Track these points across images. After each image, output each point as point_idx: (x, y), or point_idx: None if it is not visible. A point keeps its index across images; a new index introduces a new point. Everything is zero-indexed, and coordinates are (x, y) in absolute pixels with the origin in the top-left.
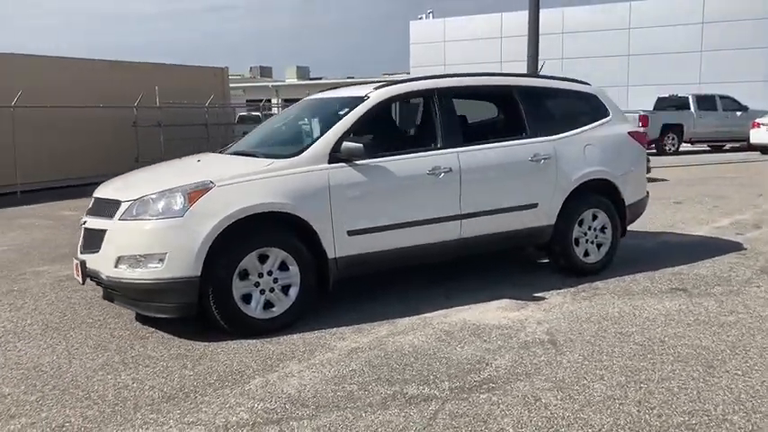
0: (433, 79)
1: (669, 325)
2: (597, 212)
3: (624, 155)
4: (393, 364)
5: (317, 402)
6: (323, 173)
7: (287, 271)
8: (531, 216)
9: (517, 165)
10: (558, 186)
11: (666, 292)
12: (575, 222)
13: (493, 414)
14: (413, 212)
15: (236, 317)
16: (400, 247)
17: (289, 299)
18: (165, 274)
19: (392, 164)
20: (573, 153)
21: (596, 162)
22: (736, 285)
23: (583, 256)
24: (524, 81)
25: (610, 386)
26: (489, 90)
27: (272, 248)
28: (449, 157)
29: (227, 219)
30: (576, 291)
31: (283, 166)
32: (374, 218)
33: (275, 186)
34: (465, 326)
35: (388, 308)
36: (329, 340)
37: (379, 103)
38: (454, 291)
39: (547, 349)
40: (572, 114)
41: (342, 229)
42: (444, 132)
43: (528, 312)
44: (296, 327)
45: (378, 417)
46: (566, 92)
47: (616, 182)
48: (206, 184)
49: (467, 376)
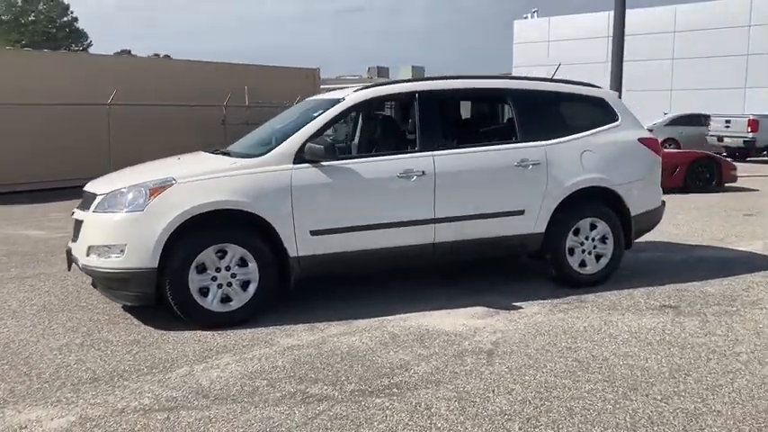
0: (418, 82)
1: (627, 343)
2: (596, 222)
3: (630, 162)
4: (317, 363)
5: (219, 394)
6: (285, 173)
7: (246, 267)
8: (516, 223)
9: (500, 170)
10: (548, 193)
11: (654, 309)
12: (568, 231)
13: (373, 418)
14: (381, 215)
15: (192, 308)
16: (368, 250)
17: (247, 294)
18: (124, 264)
19: (360, 166)
20: (567, 159)
21: (594, 169)
22: (738, 306)
23: (578, 266)
24: (519, 84)
25: (511, 401)
26: (479, 94)
27: (229, 245)
28: (423, 160)
29: (184, 214)
30: (559, 302)
31: (247, 165)
32: (339, 219)
33: (234, 185)
34: (416, 331)
35: (354, 308)
36: (276, 336)
37: (355, 106)
38: (433, 295)
39: (479, 359)
40: (572, 119)
41: (304, 228)
42: (422, 135)
43: (491, 321)
44: (255, 321)
45: (263, 413)
46: (568, 96)
47: (618, 190)
48: (168, 180)
49: (377, 380)
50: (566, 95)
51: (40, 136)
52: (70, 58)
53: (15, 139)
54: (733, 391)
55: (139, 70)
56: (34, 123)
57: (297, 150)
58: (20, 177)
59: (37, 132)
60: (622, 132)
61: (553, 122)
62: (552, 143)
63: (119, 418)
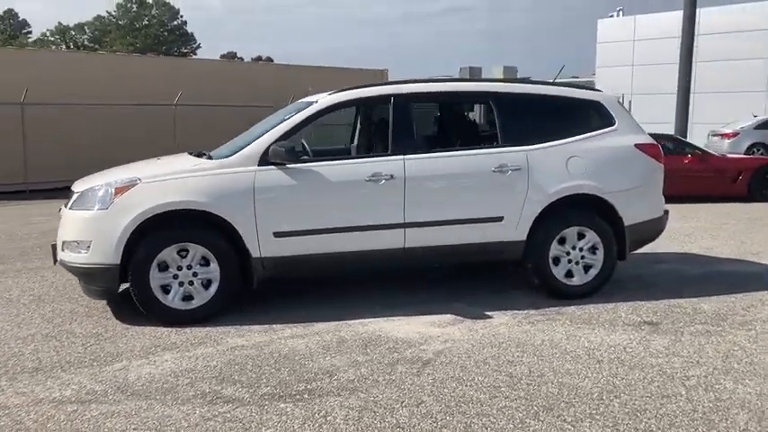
0: (395, 85)
1: (576, 360)
2: (584, 231)
3: (624, 169)
4: (249, 365)
5: (137, 390)
6: (248, 174)
7: (208, 266)
8: (494, 230)
9: (477, 175)
10: (529, 200)
11: (631, 325)
12: (552, 240)
13: (266, 424)
14: (348, 218)
15: (153, 305)
16: (335, 253)
17: (208, 293)
18: (90, 260)
19: (326, 168)
20: (551, 165)
21: (582, 176)
22: (725, 326)
23: (564, 277)
24: (502, 88)
25: (414, 414)
26: (460, 97)
27: (191, 244)
28: (393, 164)
29: (144, 213)
30: (535, 314)
31: (212, 166)
32: (303, 221)
33: (195, 185)
34: (367, 337)
35: (321, 311)
36: (228, 336)
37: (326, 109)
38: (407, 300)
39: (410, 369)
40: (560, 123)
41: (267, 230)
42: (395, 139)
43: (450, 330)
44: (217, 320)
45: (165, 411)
46: (558, 99)
47: (610, 199)
48: (133, 180)
49: (295, 385)
50: (555, 99)
51: (111, 132)
52: (144, 62)
53: (86, 136)
54: (653, 418)
55: (207, 73)
56: (106, 121)
57: (262, 153)
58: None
59: (107, 129)
60: (617, 138)
61: (538, 127)
62: (535, 148)
63: (31, 408)
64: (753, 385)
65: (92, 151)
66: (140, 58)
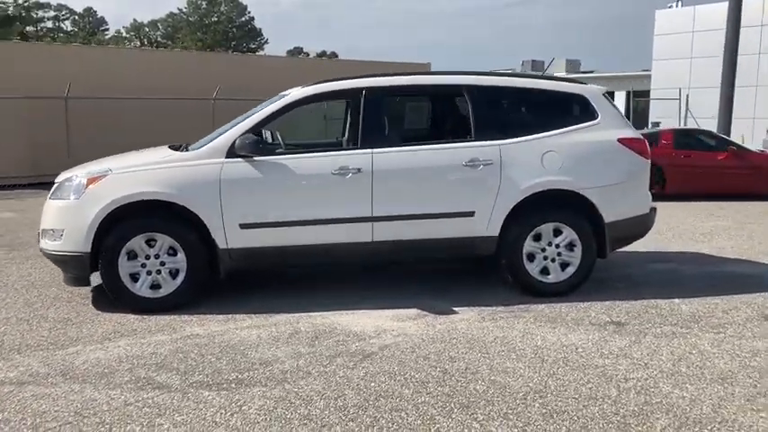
0: (367, 78)
1: (520, 359)
2: (561, 227)
3: (606, 164)
4: (193, 353)
5: (76, 375)
6: (215, 166)
7: (175, 256)
8: (465, 225)
9: (447, 169)
10: (501, 195)
11: (596, 325)
12: (526, 236)
13: (180, 411)
14: (314, 211)
15: (122, 293)
16: (302, 245)
17: (175, 282)
18: (63, 248)
19: (293, 161)
20: (525, 160)
21: (558, 171)
22: (695, 328)
23: (539, 274)
24: (478, 81)
25: (328, 407)
26: (434, 90)
27: (158, 234)
28: (360, 157)
29: (113, 203)
30: (502, 310)
31: (181, 158)
32: (269, 214)
33: (162, 177)
34: (321, 329)
35: (288, 302)
36: (188, 325)
37: (297, 102)
38: (378, 293)
39: (349, 362)
40: (538, 117)
41: (233, 221)
42: (364, 133)
43: (407, 324)
44: (185, 308)
45: (93, 395)
46: (537, 93)
47: (588, 195)
48: (105, 171)
49: (228, 374)
50: (534, 92)
51: (151, 125)
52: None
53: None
54: (568, 420)
55: (246, 67)
56: (147, 114)
57: (230, 145)
58: None
59: (148, 122)
60: (599, 132)
61: (514, 121)
62: (508, 142)
63: None
64: (691, 390)
65: (133, 144)
66: (182, 54)
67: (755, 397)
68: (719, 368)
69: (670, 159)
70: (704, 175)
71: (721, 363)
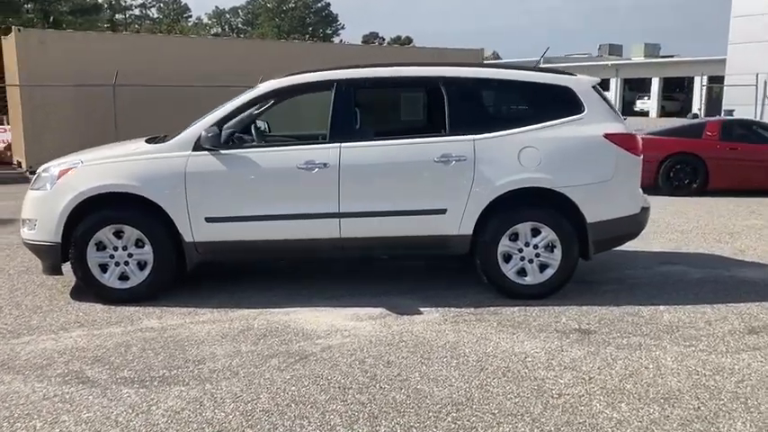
0: (339, 70)
1: (460, 367)
2: (539, 227)
3: (590, 161)
4: (135, 348)
5: (16, 365)
6: (180, 159)
7: (142, 248)
8: (436, 222)
9: (417, 165)
10: (474, 192)
11: (559, 332)
12: (501, 235)
13: (90, 408)
14: (279, 206)
15: (91, 283)
16: (268, 240)
17: (143, 274)
18: (36, 237)
19: (259, 155)
20: (501, 155)
21: (536, 168)
22: (666, 339)
23: (516, 275)
24: (455, 72)
25: (236, 410)
26: (408, 82)
27: (125, 226)
28: (327, 152)
29: (80, 195)
30: (470, 312)
31: (149, 151)
32: (234, 208)
33: (129, 169)
34: (274, 327)
35: (258, 297)
36: (147, 317)
37: (268, 94)
38: (348, 290)
39: (281, 363)
40: (517, 111)
41: (199, 215)
42: (333, 126)
43: (363, 325)
44: (153, 300)
45: (20, 387)
46: (519, 85)
47: (568, 193)
48: (75, 163)
49: (159, 371)
50: (515, 85)
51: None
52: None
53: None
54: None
55: (301, 55)
56: (192, 102)
57: (197, 138)
58: None
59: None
60: (584, 127)
61: (491, 115)
62: (483, 137)
63: None
64: (624, 410)
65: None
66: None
67: (691, 421)
68: (668, 387)
69: (714, 152)
70: (752, 169)
71: (674, 381)
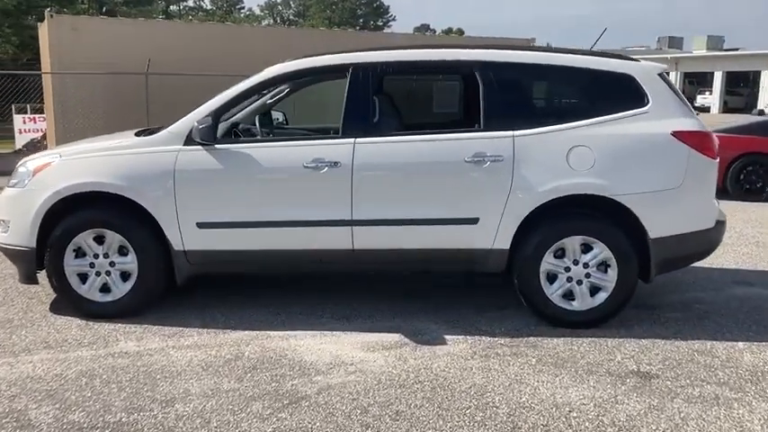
0: (355, 53)
1: (484, 424)
2: (592, 242)
3: (654, 164)
4: (99, 380)
5: None
6: (169, 154)
7: (125, 256)
8: (467, 234)
9: (445, 165)
10: (513, 198)
11: (613, 375)
12: (545, 251)
13: None
14: (281, 211)
15: (69, 294)
16: (268, 250)
17: (126, 286)
18: (9, 241)
19: (260, 151)
20: (546, 155)
21: (589, 171)
22: (754, 394)
23: (561, 298)
24: (493, 56)
25: None
26: (436, 68)
27: (107, 230)
28: (339, 148)
29: (56, 194)
30: (503, 344)
31: (134, 144)
32: (230, 211)
33: (111, 165)
34: (269, 356)
35: (258, 316)
36: (126, 338)
37: (272, 80)
38: (363, 311)
39: (265, 408)
40: (567, 102)
41: (189, 219)
42: (347, 119)
43: (375, 357)
44: (139, 315)
45: None
46: (569, 72)
47: (627, 202)
48: (53, 157)
49: (112, 415)
50: (564, 71)
51: None
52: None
53: None
54: None
55: (346, 44)
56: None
57: (189, 130)
58: None
59: None
60: (648, 122)
61: (536, 106)
62: (524, 133)
63: None
64: None
65: None
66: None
67: None
68: None
69: None
70: None
71: None
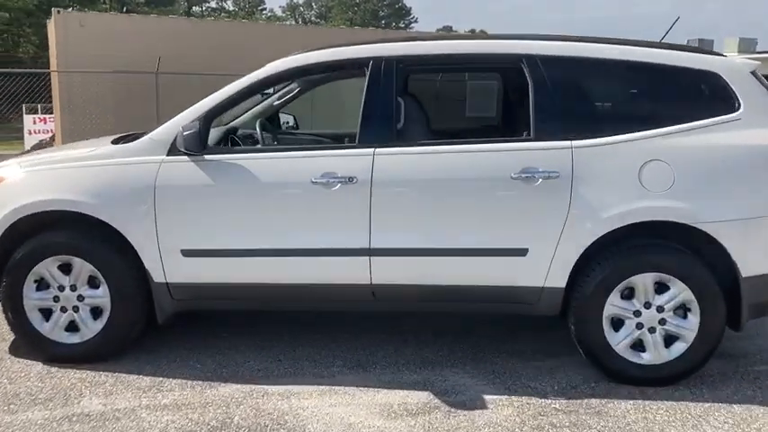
0: (377, 44)
1: None
2: (669, 281)
3: (749, 185)
4: None
5: None
6: (149, 167)
7: (96, 289)
8: (512, 268)
9: (485, 183)
10: (572, 225)
11: None
12: (610, 291)
13: None
14: (284, 237)
15: (27, 333)
16: (267, 284)
17: (97, 325)
18: None
19: (257, 163)
20: (612, 172)
21: (667, 192)
22: None
23: (629, 350)
24: (546, 48)
25: None
26: (475, 62)
27: (74, 257)
28: (355, 160)
29: (15, 213)
30: (559, 407)
31: (106, 154)
32: (221, 236)
33: (78, 179)
34: (261, 423)
35: (251, 364)
36: (89, 392)
37: (271, 78)
38: (383, 358)
39: None
40: (638, 106)
41: (173, 244)
42: (365, 124)
43: (394, 427)
44: (112, 360)
45: None
46: (643, 67)
47: (714, 232)
48: (10, 168)
49: None
50: (634, 66)
51: None
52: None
53: None
54: None
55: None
56: None
57: (175, 137)
58: None
59: None
60: (740, 132)
61: (598, 111)
62: (585, 144)
63: None
64: None
65: None
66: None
67: None
68: None
69: None
70: None
71: None
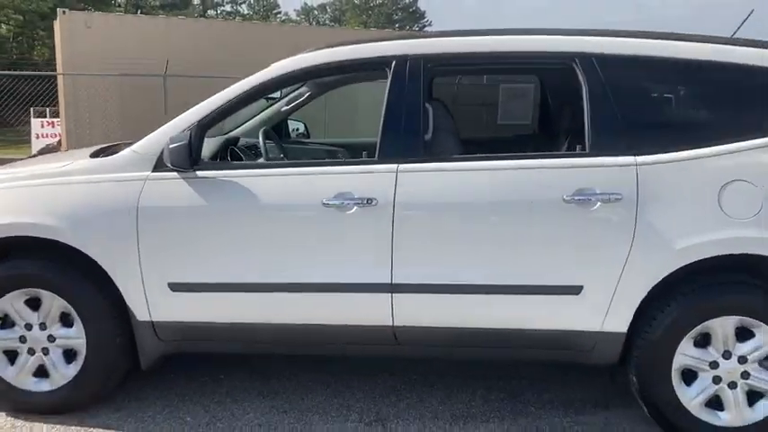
0: (401, 41)
1: None
2: (753, 326)
3: None
4: None
5: None
6: (131, 185)
7: (70, 328)
8: (564, 309)
9: (531, 206)
10: (636, 258)
11: None
12: (681, 337)
13: None
14: (290, 269)
15: None
16: (270, 324)
17: (70, 370)
18: None
19: (257, 182)
20: (687, 194)
21: (752, 218)
22: None
23: (704, 409)
24: (605, 45)
25: None
26: (517, 62)
27: (43, 291)
28: (375, 178)
29: None
30: None
31: (82, 169)
32: (214, 268)
33: (47, 199)
34: None
35: (248, 415)
36: None
37: (276, 81)
38: (400, 410)
39: None
40: (712, 114)
41: (159, 277)
42: (386, 135)
43: None
44: (85, 411)
45: None
46: (716, 68)
47: None
48: None
49: None
50: (709, 67)
51: None
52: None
53: None
54: None
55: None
56: None
57: (162, 151)
58: None
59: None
60: None
61: (668, 120)
62: (654, 161)
63: None
64: None
65: None
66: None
67: None
68: None
69: None
70: None
71: None
